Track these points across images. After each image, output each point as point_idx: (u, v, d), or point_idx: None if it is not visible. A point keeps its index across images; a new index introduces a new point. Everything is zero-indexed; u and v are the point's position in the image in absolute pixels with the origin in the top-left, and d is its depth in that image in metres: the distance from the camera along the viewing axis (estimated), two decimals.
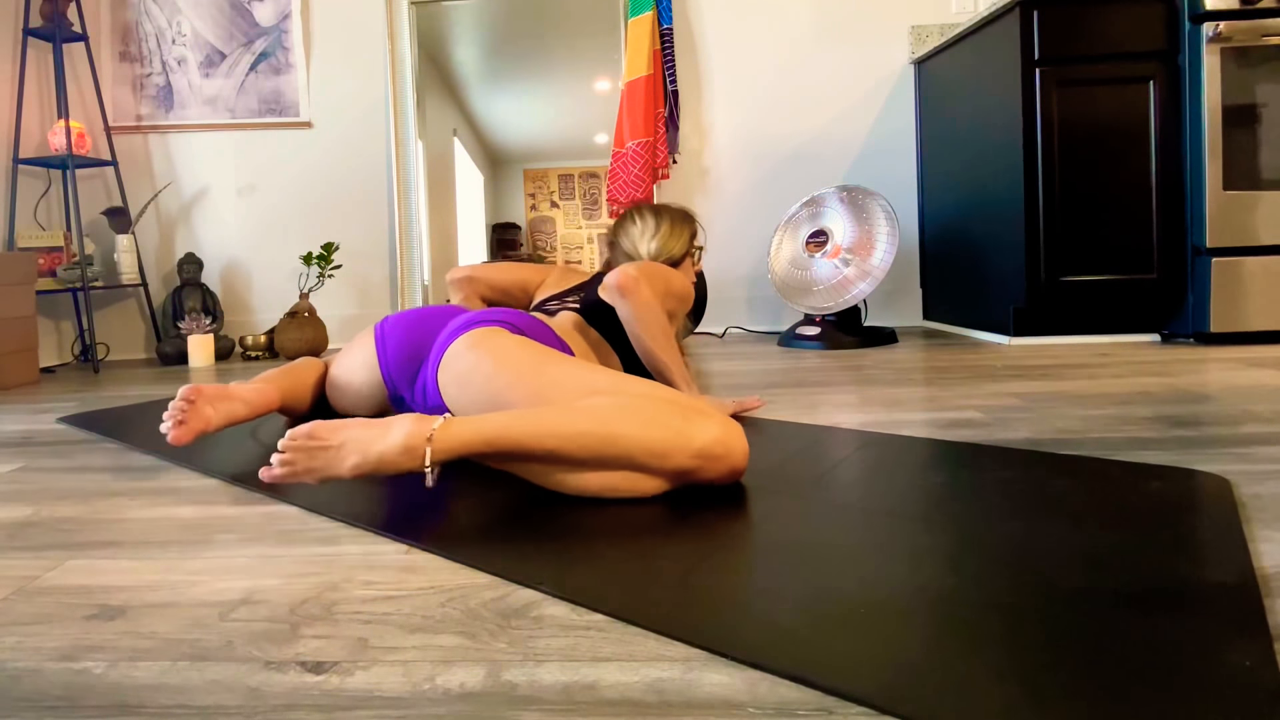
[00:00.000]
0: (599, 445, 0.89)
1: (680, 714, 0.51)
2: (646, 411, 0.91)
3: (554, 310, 1.53)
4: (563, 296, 1.59)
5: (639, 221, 1.68)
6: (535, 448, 0.90)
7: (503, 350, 1.07)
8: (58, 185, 2.93)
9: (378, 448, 0.88)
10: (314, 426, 0.90)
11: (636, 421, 0.90)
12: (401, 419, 0.91)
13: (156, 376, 2.41)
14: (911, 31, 2.87)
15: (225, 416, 1.22)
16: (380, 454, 0.88)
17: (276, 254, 3.04)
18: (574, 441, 0.89)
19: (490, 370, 1.05)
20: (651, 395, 0.96)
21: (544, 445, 0.90)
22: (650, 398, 0.95)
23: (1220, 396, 1.43)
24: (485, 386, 1.05)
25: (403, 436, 0.88)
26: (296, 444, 0.89)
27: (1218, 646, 0.55)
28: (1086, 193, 2.17)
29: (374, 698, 0.54)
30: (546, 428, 0.90)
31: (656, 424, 0.90)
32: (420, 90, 2.97)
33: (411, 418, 0.91)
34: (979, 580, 0.68)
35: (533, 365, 1.04)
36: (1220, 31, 2.03)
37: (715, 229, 2.99)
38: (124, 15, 2.98)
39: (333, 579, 0.75)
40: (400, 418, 0.91)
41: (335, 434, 0.90)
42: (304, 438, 0.89)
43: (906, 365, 1.98)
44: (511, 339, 1.10)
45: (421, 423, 0.90)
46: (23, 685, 0.58)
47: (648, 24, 2.81)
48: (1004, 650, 0.56)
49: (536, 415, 0.92)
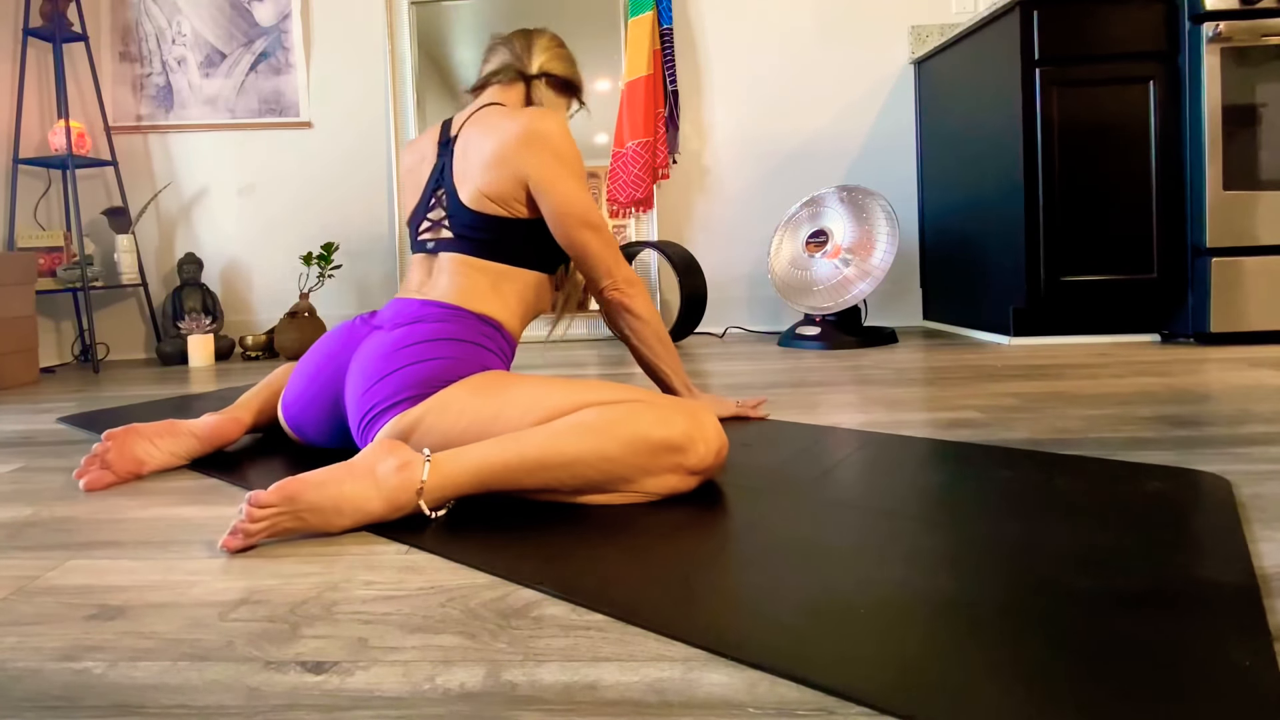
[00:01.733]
0: (591, 467, 0.89)
1: (680, 714, 0.51)
2: (619, 421, 0.90)
3: (429, 244, 1.24)
4: (427, 211, 1.26)
5: (539, 37, 1.37)
6: (528, 483, 0.90)
7: (434, 430, 0.98)
8: (58, 185, 2.93)
9: (370, 508, 0.86)
10: (290, 491, 0.83)
11: (604, 436, 0.89)
12: (383, 462, 0.88)
13: (156, 376, 2.41)
14: (911, 31, 2.87)
15: (169, 455, 1.18)
16: (372, 514, 0.87)
17: (276, 254, 3.05)
18: (566, 470, 0.89)
19: (435, 444, 0.98)
20: (620, 403, 0.94)
21: (535, 478, 0.89)
22: (619, 405, 0.93)
23: (1220, 396, 1.43)
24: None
25: (390, 493, 0.87)
26: (275, 510, 0.83)
27: (1218, 646, 0.55)
28: (1086, 193, 2.17)
29: (374, 698, 0.54)
30: (533, 455, 0.88)
31: (620, 433, 0.89)
32: (420, 90, 2.97)
33: (394, 462, 0.88)
34: (979, 580, 0.68)
35: (475, 424, 0.97)
36: (1220, 31, 2.03)
37: (715, 229, 2.99)
38: (124, 15, 2.98)
39: (333, 579, 0.75)
40: (381, 461, 0.88)
41: (319, 493, 0.85)
42: (284, 502, 0.83)
43: (906, 365, 1.98)
44: (430, 410, 0.99)
45: (406, 471, 0.87)
46: (23, 685, 0.58)
47: (648, 24, 2.81)
48: (1004, 650, 0.56)
49: (520, 442, 0.89)
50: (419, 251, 1.27)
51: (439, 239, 1.23)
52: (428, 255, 1.25)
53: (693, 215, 3.00)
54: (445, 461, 0.89)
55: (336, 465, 0.88)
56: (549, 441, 0.89)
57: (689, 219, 3.00)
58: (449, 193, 1.23)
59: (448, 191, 1.23)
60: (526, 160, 1.18)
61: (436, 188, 1.26)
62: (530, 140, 1.18)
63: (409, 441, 0.99)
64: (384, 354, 1.05)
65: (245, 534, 0.83)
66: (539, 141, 1.18)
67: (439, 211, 1.24)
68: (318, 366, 1.17)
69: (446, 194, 1.23)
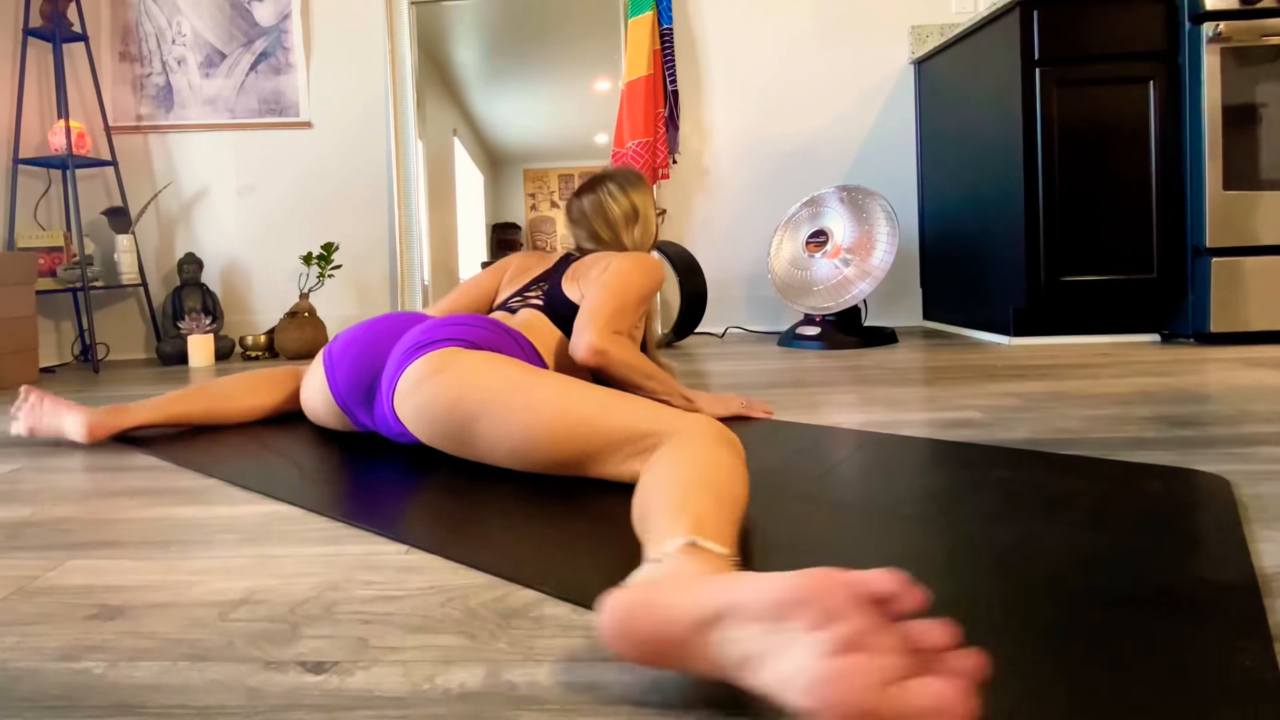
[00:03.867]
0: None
1: (680, 714, 0.51)
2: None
3: (515, 308, 1.45)
4: (524, 291, 1.50)
5: (615, 203, 1.61)
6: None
7: (462, 376, 1.01)
8: (58, 185, 2.93)
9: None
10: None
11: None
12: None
13: (156, 376, 2.41)
14: (911, 31, 2.87)
15: (53, 429, 1.40)
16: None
17: (276, 254, 3.04)
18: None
19: (452, 399, 1.00)
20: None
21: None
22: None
23: (1220, 396, 1.43)
24: (449, 418, 1.01)
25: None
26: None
27: (1218, 646, 0.55)
28: (1086, 193, 2.17)
29: (374, 698, 0.54)
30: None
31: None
32: (420, 90, 2.97)
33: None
34: (978, 580, 0.68)
35: (499, 391, 0.98)
36: (1220, 31, 2.03)
37: (715, 229, 2.99)
38: (124, 15, 2.98)
39: (333, 579, 0.75)
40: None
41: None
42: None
43: (906, 365, 1.98)
44: (469, 358, 1.03)
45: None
46: (23, 685, 0.58)
47: (648, 24, 2.81)
48: (1004, 650, 0.56)
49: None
50: (500, 310, 1.47)
51: (525, 304, 1.44)
52: (507, 312, 1.45)
53: (693, 215, 3.00)
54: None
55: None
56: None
57: (689, 219, 3.00)
58: (552, 284, 1.46)
59: (551, 284, 1.47)
60: (610, 262, 1.43)
61: (543, 281, 1.49)
62: (617, 259, 1.45)
63: (438, 375, 1.02)
64: (441, 323, 1.14)
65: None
66: (621, 258, 1.45)
67: (537, 292, 1.47)
68: (376, 332, 1.22)
69: (549, 285, 1.47)
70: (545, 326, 1.37)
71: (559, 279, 1.47)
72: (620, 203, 1.60)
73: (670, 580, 0.53)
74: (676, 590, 0.51)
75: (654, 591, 0.52)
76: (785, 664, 0.43)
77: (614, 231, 1.60)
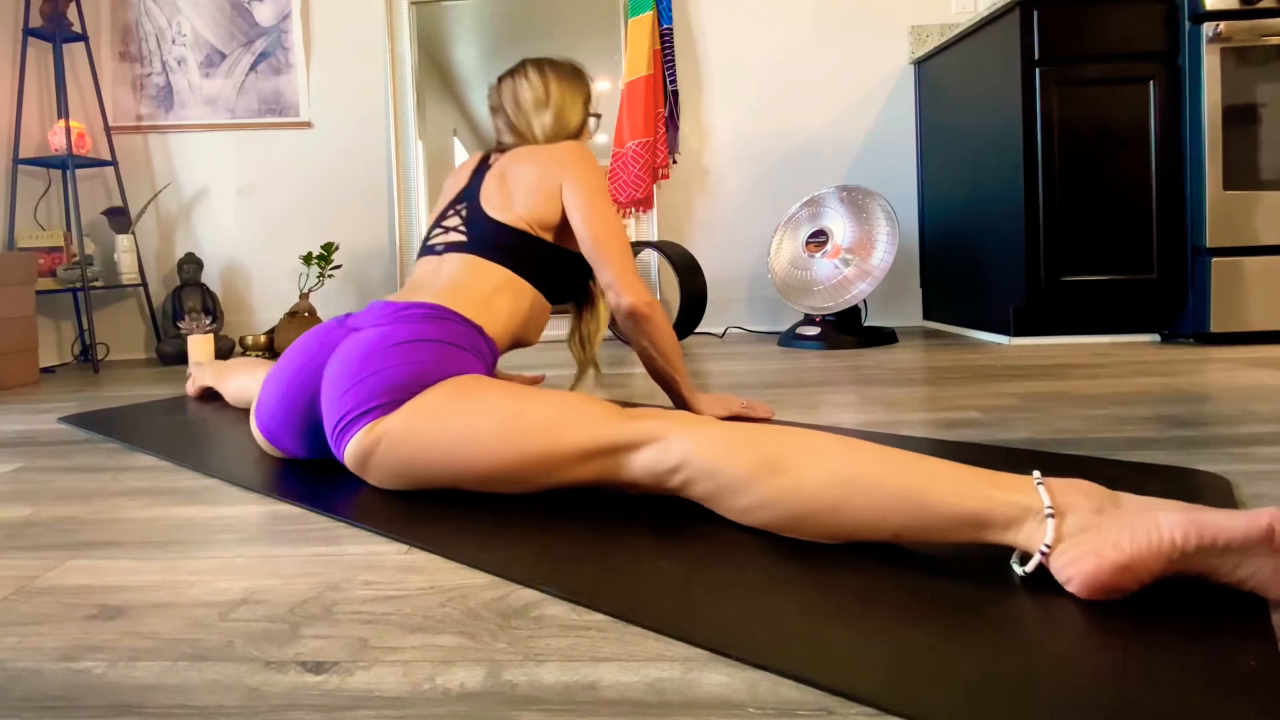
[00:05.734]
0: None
1: (680, 714, 0.51)
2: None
3: (439, 247, 1.27)
4: (443, 219, 1.31)
5: (528, 85, 1.41)
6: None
7: (399, 448, 0.95)
8: (58, 185, 2.93)
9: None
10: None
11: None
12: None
13: (156, 376, 2.41)
14: (911, 31, 2.87)
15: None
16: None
17: (276, 254, 3.04)
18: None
19: (401, 468, 0.96)
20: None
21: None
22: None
23: (1220, 396, 1.43)
24: (408, 481, 0.97)
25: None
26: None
27: (1221, 646, 0.55)
28: (1086, 193, 2.17)
29: (374, 698, 0.54)
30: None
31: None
32: (420, 90, 2.97)
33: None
34: (978, 580, 0.68)
35: (443, 450, 0.93)
36: (1220, 31, 2.03)
37: (715, 229, 2.99)
38: (124, 15, 2.98)
39: (333, 579, 0.75)
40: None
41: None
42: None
43: (906, 365, 1.98)
44: (397, 430, 0.95)
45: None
46: (23, 685, 0.58)
47: (648, 24, 2.81)
48: (1004, 650, 0.56)
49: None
50: (425, 255, 1.29)
51: (449, 242, 1.27)
52: (433, 257, 1.27)
53: (693, 215, 3.00)
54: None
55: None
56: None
57: (689, 219, 3.00)
58: (470, 204, 1.29)
59: (470, 204, 1.29)
60: (563, 180, 1.27)
61: (459, 202, 1.32)
62: (564, 167, 1.28)
63: (374, 454, 0.96)
64: (358, 358, 1.01)
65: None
66: (571, 167, 1.28)
67: (456, 219, 1.30)
68: (293, 373, 1.10)
69: (468, 206, 1.29)
70: (477, 276, 1.21)
71: (478, 195, 1.30)
72: (535, 87, 1.41)
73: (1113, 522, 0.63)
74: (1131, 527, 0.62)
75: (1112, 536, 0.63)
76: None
77: (526, 120, 1.41)
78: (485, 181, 1.32)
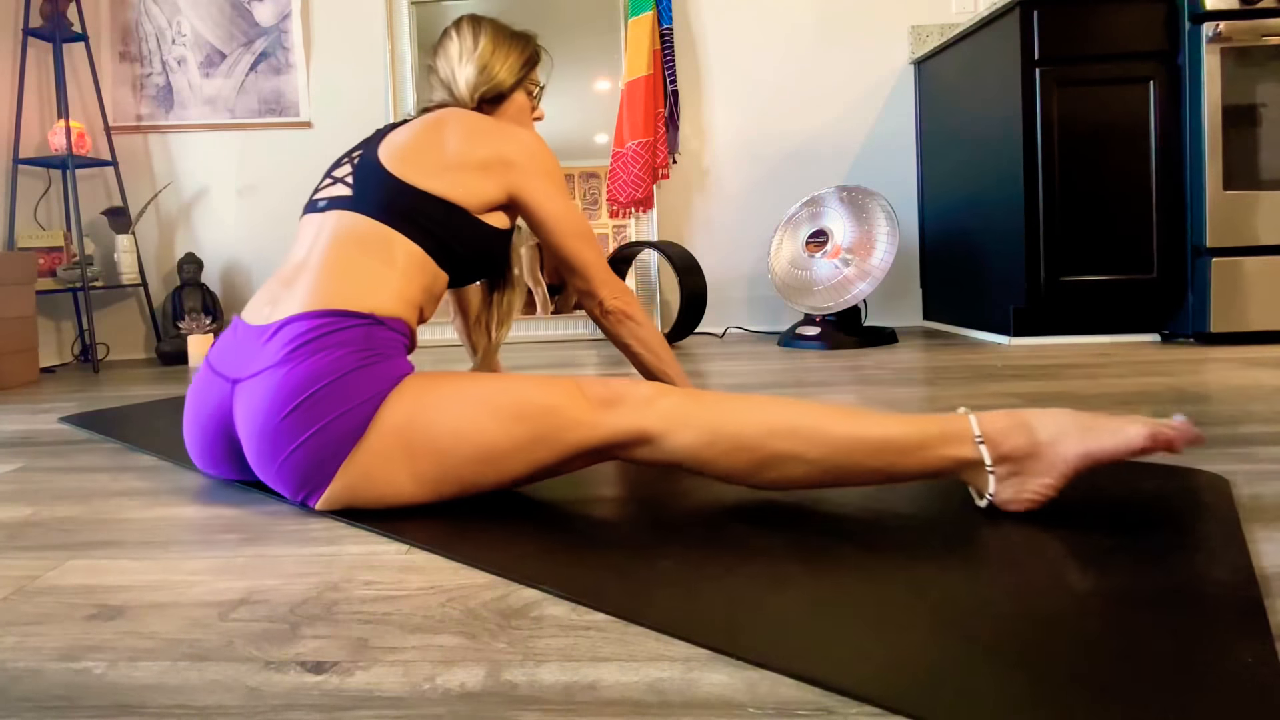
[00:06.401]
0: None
1: (680, 714, 0.51)
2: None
3: (323, 203, 1.08)
4: (334, 169, 1.13)
5: (456, 38, 1.29)
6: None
7: (341, 491, 0.90)
8: (58, 185, 2.93)
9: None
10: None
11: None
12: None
13: (156, 376, 2.41)
14: (911, 31, 2.87)
15: None
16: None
17: (277, 254, 3.04)
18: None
19: (350, 498, 0.91)
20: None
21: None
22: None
23: (1220, 396, 1.43)
24: (370, 501, 0.92)
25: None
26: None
27: (1219, 645, 0.55)
28: (1086, 193, 2.17)
29: (374, 698, 0.54)
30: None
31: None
32: (420, 90, 2.97)
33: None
34: (978, 580, 0.68)
35: (412, 475, 0.89)
36: (1220, 31, 2.03)
37: (715, 229, 2.99)
38: (124, 15, 2.98)
39: (333, 579, 0.75)
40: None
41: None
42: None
43: (906, 365, 1.98)
44: (345, 489, 0.90)
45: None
46: (23, 685, 0.58)
47: (648, 24, 2.81)
48: (1004, 649, 0.56)
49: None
50: (309, 212, 1.10)
51: (333, 196, 1.07)
52: (315, 215, 1.08)
53: (693, 215, 3.00)
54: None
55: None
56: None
57: (689, 219, 3.00)
58: (365, 153, 1.10)
59: (364, 152, 1.10)
60: (523, 179, 1.13)
61: (356, 149, 1.14)
62: (519, 154, 1.13)
63: (347, 504, 0.91)
64: (262, 438, 0.90)
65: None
66: (521, 162, 1.13)
67: (345, 169, 1.10)
68: (208, 440, 1.01)
69: (362, 153, 1.10)
70: (363, 234, 1.01)
71: (377, 145, 1.10)
72: (464, 38, 1.28)
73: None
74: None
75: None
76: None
77: (451, 70, 1.27)
78: (393, 133, 1.12)
